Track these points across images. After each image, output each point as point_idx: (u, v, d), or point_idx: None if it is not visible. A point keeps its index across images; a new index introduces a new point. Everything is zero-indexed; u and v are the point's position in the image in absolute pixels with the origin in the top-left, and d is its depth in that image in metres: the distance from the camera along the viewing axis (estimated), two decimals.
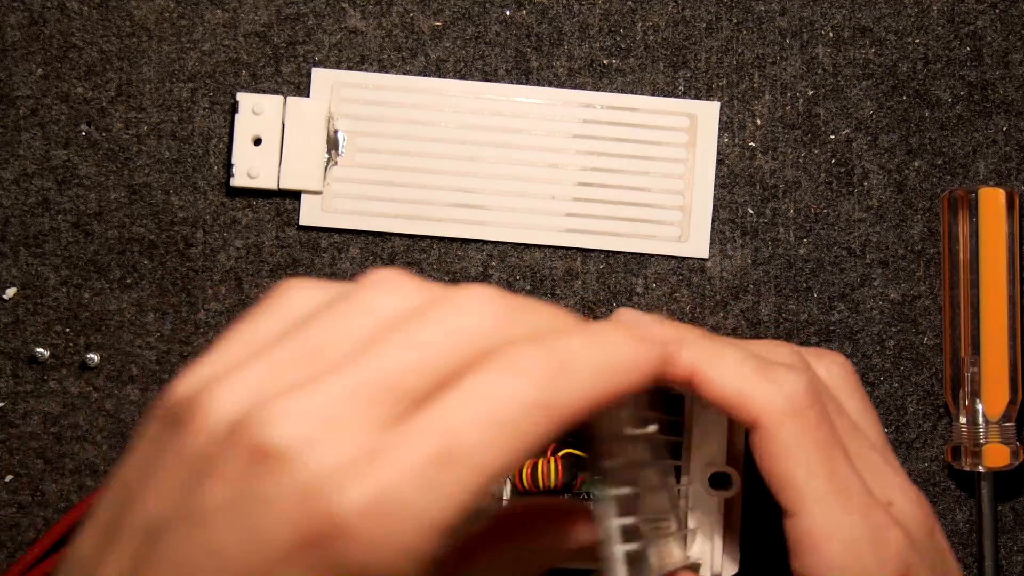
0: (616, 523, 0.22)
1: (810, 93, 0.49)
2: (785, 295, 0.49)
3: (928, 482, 0.49)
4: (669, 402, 0.34)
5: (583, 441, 0.34)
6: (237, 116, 0.48)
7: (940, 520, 0.48)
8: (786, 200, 0.49)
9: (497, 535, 0.23)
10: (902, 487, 0.30)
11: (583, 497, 0.36)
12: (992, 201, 0.48)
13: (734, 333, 0.49)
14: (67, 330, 0.48)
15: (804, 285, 0.49)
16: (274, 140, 0.48)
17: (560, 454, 0.38)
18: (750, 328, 0.49)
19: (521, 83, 0.49)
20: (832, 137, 0.49)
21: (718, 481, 0.34)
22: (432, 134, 0.48)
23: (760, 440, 0.27)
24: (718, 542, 0.33)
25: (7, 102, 0.48)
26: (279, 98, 0.48)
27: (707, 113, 0.49)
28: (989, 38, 0.50)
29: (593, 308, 0.48)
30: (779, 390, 0.28)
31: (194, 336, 0.48)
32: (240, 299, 0.49)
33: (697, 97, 0.49)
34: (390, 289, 0.19)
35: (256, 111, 0.48)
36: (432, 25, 0.49)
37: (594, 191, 0.48)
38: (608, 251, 0.48)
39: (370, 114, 0.48)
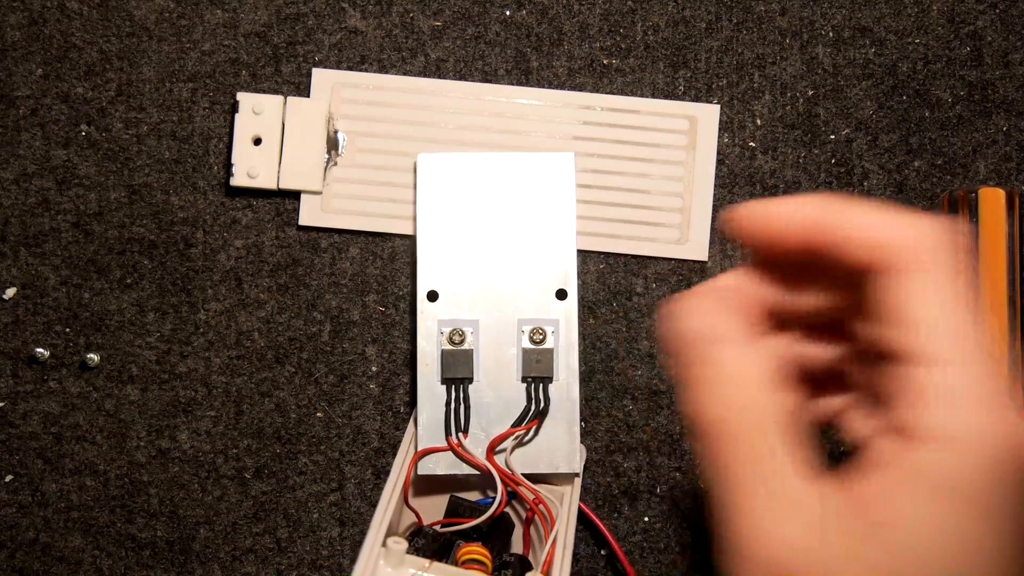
0: None
1: (810, 93, 0.49)
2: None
3: None
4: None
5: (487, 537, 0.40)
6: (237, 116, 0.47)
7: None
8: None
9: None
10: None
11: None
12: (992, 201, 0.47)
13: None
14: (67, 330, 0.48)
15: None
16: (274, 140, 0.47)
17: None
18: None
19: (521, 83, 0.48)
20: (832, 137, 0.49)
21: None
22: (432, 134, 0.47)
23: (890, 285, 0.23)
24: None
25: (7, 102, 0.48)
26: (279, 98, 0.47)
27: (707, 115, 0.48)
28: (989, 38, 0.49)
29: (593, 308, 0.48)
30: (921, 227, 0.23)
31: (194, 336, 0.48)
32: (240, 299, 0.48)
33: (697, 97, 0.48)
34: None
35: (256, 111, 0.47)
36: (432, 25, 0.48)
37: (594, 193, 0.47)
38: (607, 252, 0.47)
39: (370, 114, 0.47)
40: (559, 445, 0.40)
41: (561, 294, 0.41)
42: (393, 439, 0.47)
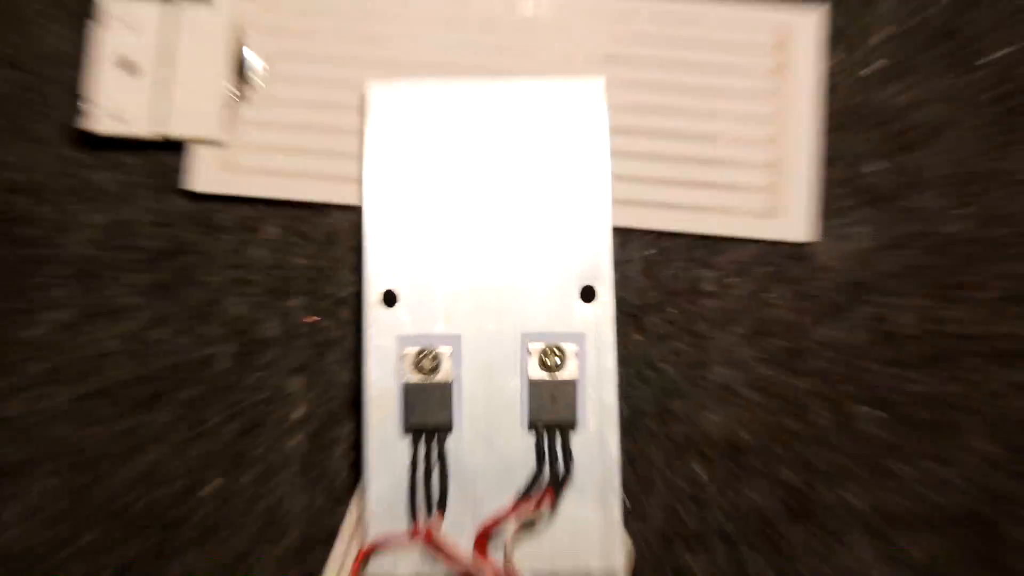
0: None
1: None
2: (933, 295, 0.33)
3: None
4: None
5: None
6: (97, 31, 0.33)
7: None
8: (930, 151, 0.34)
9: None
10: None
11: None
12: None
13: (859, 351, 0.32)
14: None
15: (961, 280, 0.33)
16: (154, 66, 0.33)
17: None
18: (886, 346, 0.32)
19: None
20: (995, 56, 0.34)
21: None
22: (389, 54, 0.33)
23: None
24: None
25: None
26: (162, 6, 0.33)
27: (807, 24, 0.34)
28: None
29: (638, 317, 0.33)
30: None
31: (23, 363, 0.33)
32: (96, 304, 0.33)
33: None
34: None
35: (127, 23, 0.33)
36: None
37: (637, 141, 0.33)
38: (660, 231, 0.33)
39: (298, 27, 0.34)
40: (589, 530, 0.30)
41: (588, 294, 0.31)
42: (328, 525, 0.32)
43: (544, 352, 0.30)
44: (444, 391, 0.30)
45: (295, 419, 0.33)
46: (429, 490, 0.30)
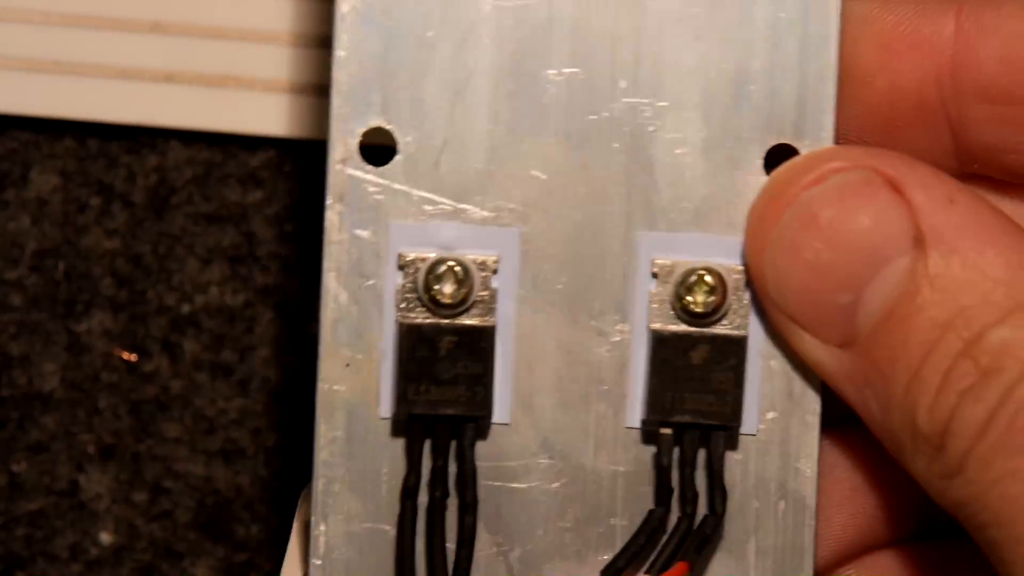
0: None
1: None
2: None
3: None
4: None
5: None
6: None
7: None
8: None
9: None
10: None
11: None
12: None
13: None
14: None
15: None
16: None
17: None
18: None
19: None
20: None
21: None
22: None
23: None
24: None
25: None
26: None
27: None
28: None
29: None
30: None
31: None
32: None
33: None
34: None
35: None
36: None
37: None
38: None
39: None
40: None
41: (783, 160, 0.18)
42: None
43: (683, 282, 0.20)
44: (479, 346, 0.20)
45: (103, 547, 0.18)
46: (434, 551, 0.19)
